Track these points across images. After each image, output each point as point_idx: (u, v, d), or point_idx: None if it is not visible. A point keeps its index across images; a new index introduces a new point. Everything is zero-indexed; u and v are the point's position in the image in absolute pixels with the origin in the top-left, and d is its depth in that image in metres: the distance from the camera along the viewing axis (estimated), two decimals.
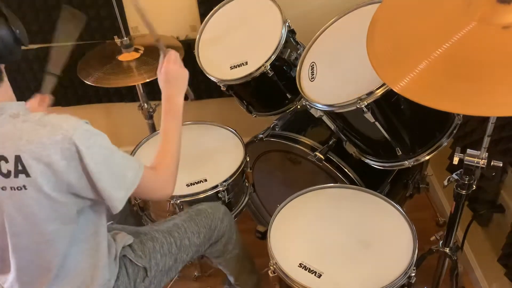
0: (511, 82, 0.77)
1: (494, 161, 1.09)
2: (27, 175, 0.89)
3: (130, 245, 1.22)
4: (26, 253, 1.00)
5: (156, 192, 1.12)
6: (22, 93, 0.98)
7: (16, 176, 0.89)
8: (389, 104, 1.21)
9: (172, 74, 1.22)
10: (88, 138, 0.92)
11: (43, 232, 0.96)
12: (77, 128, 0.91)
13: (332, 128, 1.43)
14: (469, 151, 1.10)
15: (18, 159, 0.88)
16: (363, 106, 1.18)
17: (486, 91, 0.78)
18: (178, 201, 1.44)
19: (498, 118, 1.04)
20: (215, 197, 1.49)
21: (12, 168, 0.89)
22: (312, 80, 1.37)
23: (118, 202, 0.99)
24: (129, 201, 1.58)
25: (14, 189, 0.90)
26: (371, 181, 1.51)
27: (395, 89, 0.85)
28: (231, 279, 1.59)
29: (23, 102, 0.98)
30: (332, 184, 1.42)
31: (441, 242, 1.35)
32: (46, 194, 0.91)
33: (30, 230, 0.96)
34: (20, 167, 0.89)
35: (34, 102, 1.36)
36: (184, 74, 1.25)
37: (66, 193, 0.93)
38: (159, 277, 1.24)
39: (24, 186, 0.90)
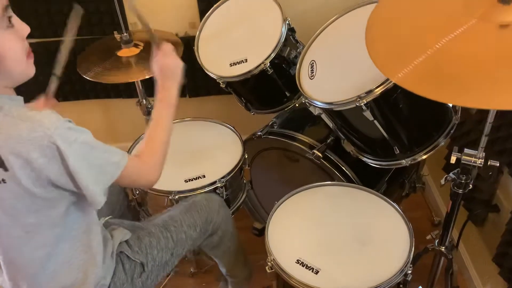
0: (505, 77, 0.80)
1: (491, 160, 1.10)
2: (5, 169, 0.88)
3: (126, 241, 1.21)
4: (9, 249, 1.00)
5: (140, 180, 1.10)
6: (18, 86, 0.98)
7: None
8: (388, 102, 1.23)
9: (168, 67, 1.21)
10: (69, 136, 0.90)
11: (23, 225, 0.96)
12: (59, 126, 0.89)
13: (331, 126, 1.44)
14: (466, 150, 1.11)
15: None
16: (362, 104, 1.19)
17: (482, 84, 0.81)
18: (176, 197, 1.44)
19: (495, 118, 1.05)
20: (213, 194, 1.49)
21: None
22: (311, 78, 1.38)
23: (98, 197, 0.97)
24: (126, 196, 1.60)
25: None
26: (368, 179, 1.52)
27: (394, 80, 0.87)
28: (223, 270, 1.59)
29: (19, 97, 0.96)
30: (329, 182, 1.43)
31: (436, 241, 1.37)
32: (26, 188, 0.90)
33: (10, 224, 0.95)
34: None
35: (39, 105, 1.34)
36: (179, 65, 1.24)
37: (47, 187, 0.92)
38: (155, 272, 1.25)
39: (3, 180, 0.89)
